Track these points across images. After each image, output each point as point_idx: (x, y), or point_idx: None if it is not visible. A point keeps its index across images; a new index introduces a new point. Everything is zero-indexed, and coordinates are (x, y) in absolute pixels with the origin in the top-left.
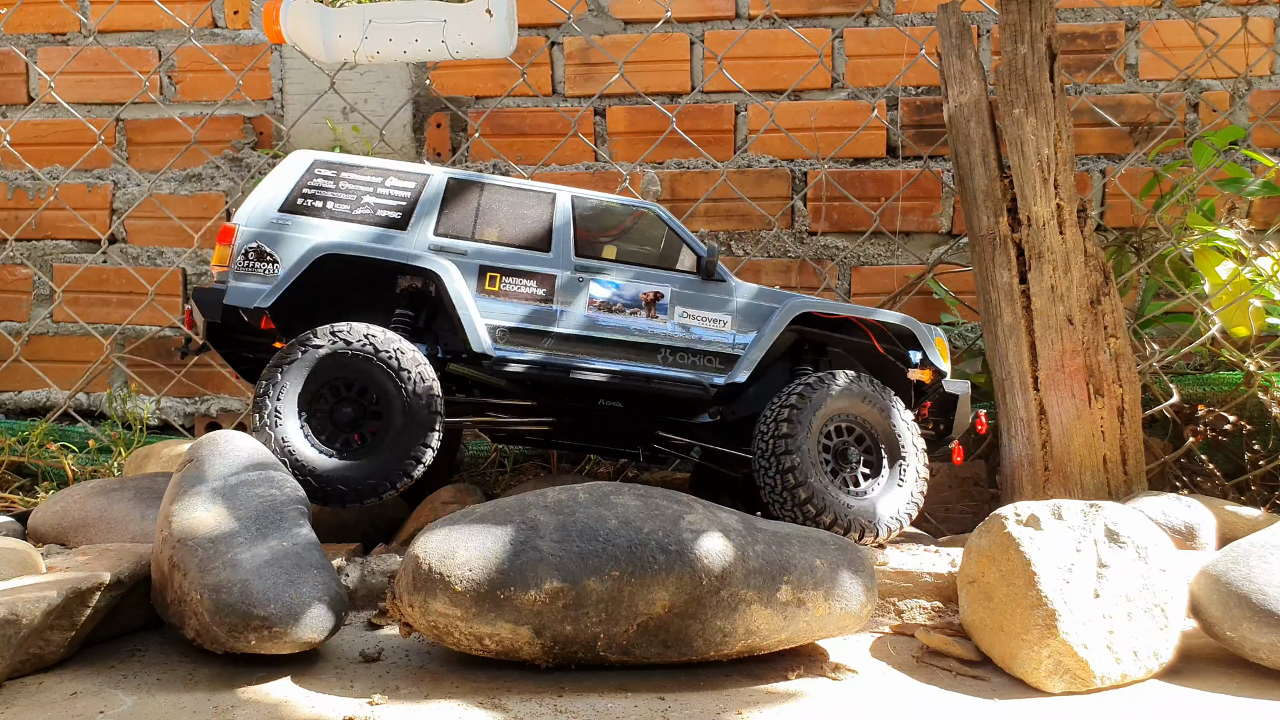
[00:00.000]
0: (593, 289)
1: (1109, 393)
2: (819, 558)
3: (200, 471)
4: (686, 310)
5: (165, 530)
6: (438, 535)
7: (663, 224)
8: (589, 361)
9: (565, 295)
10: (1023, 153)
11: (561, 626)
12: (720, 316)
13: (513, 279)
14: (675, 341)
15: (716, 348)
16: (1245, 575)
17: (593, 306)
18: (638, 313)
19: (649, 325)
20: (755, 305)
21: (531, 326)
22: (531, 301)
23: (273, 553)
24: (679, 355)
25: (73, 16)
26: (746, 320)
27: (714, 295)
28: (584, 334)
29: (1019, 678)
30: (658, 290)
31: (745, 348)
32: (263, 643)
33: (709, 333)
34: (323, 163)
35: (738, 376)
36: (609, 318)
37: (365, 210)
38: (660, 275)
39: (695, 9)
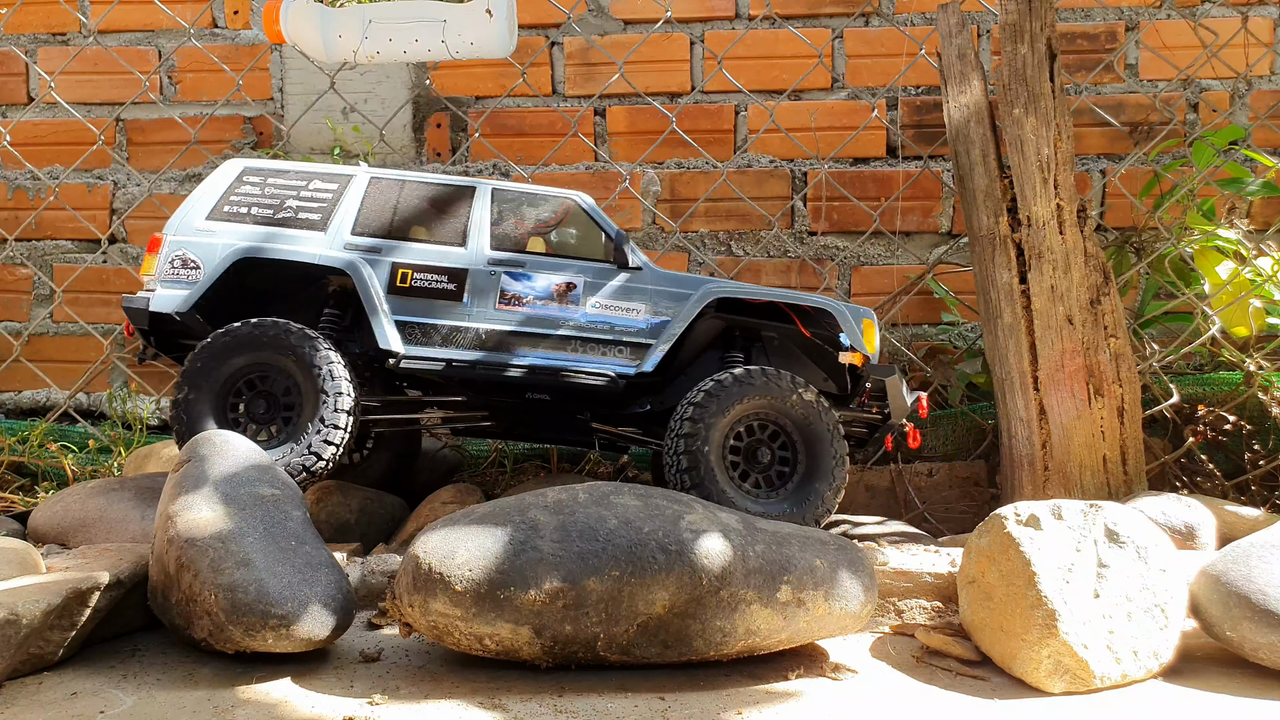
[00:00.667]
0: (505, 283)
1: (1109, 393)
2: (819, 558)
3: (201, 470)
4: (599, 300)
5: (170, 530)
6: (438, 535)
7: (583, 213)
8: (498, 357)
9: (477, 290)
10: (1023, 153)
11: (561, 626)
12: (634, 305)
13: (424, 275)
14: (586, 332)
15: (629, 337)
16: (1245, 575)
17: (505, 300)
18: (550, 304)
19: (560, 316)
20: (671, 292)
21: (441, 322)
22: (442, 298)
23: (282, 551)
24: (590, 346)
25: (73, 16)
26: (662, 308)
27: (628, 284)
28: (494, 328)
29: (1019, 678)
30: (570, 280)
31: (658, 336)
32: (279, 641)
33: (622, 321)
34: (252, 170)
35: (646, 366)
36: (520, 311)
37: (288, 214)
38: (574, 265)
39: (695, 9)
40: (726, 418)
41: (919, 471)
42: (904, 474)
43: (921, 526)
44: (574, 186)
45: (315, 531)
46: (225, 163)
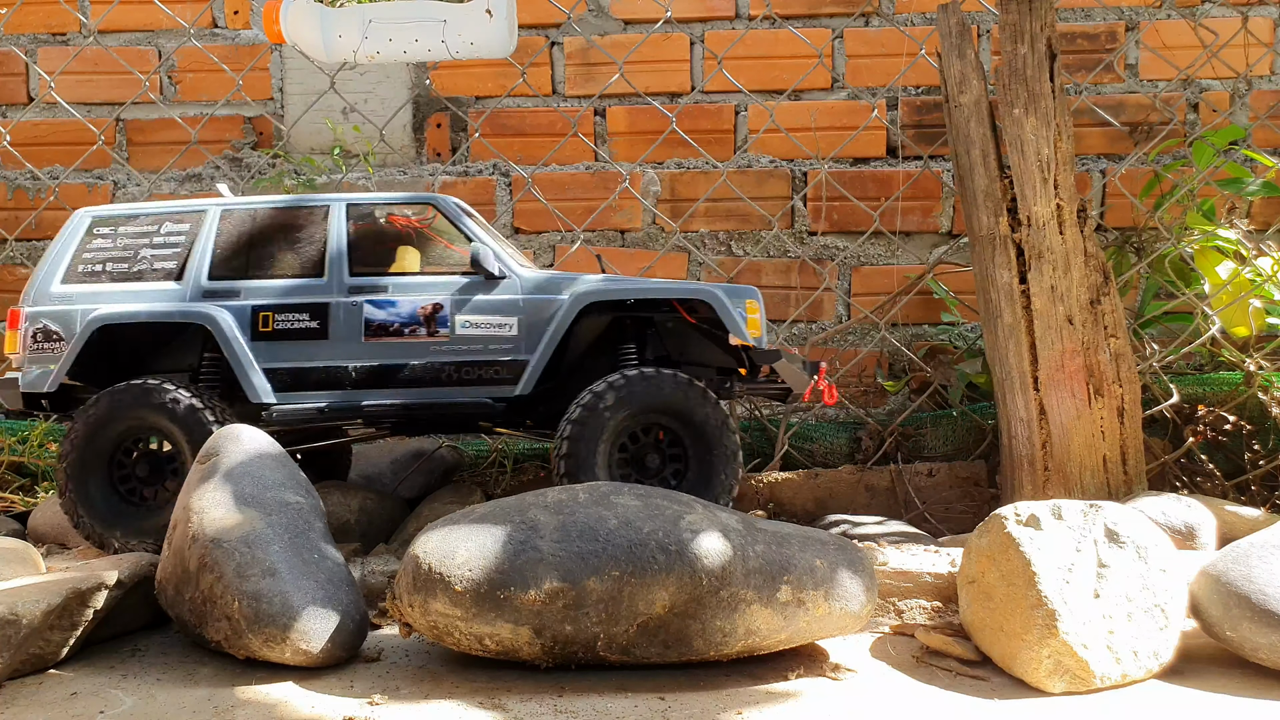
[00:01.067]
0: (368, 312)
1: (1109, 393)
2: (819, 558)
3: (226, 468)
4: (468, 319)
5: (193, 526)
6: (438, 535)
7: (445, 219)
8: (372, 397)
9: (341, 325)
10: (1023, 153)
11: (561, 626)
12: (504, 320)
13: (286, 316)
14: (460, 355)
15: (503, 355)
16: (1245, 575)
17: (370, 332)
18: (417, 330)
19: (429, 342)
20: (542, 300)
21: (310, 365)
22: (307, 339)
23: (306, 564)
24: (465, 370)
25: (73, 16)
26: (534, 320)
27: (497, 296)
28: (364, 364)
29: (1019, 678)
30: (436, 301)
31: (531, 353)
32: (297, 655)
33: (495, 339)
34: (100, 219)
35: (521, 389)
36: (387, 344)
37: (143, 265)
38: (439, 283)
39: (695, 9)
40: (608, 432)
41: (919, 471)
42: (904, 474)
43: (921, 526)
44: (574, 187)
45: (334, 544)
46: (73, 215)
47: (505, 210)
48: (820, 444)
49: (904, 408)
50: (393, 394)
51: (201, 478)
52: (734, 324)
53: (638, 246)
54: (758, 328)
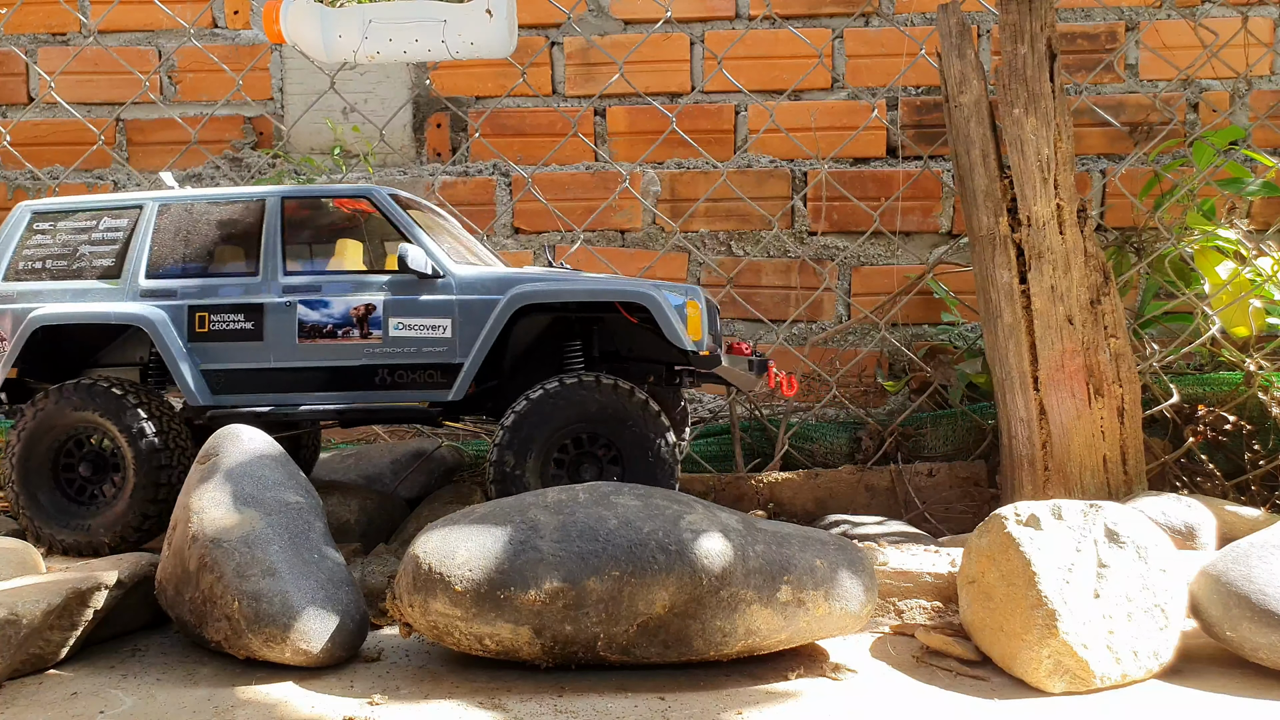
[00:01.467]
0: (301, 313)
1: (1109, 393)
2: (819, 558)
3: (225, 468)
4: (401, 320)
5: (193, 526)
6: (438, 535)
7: (380, 214)
8: (308, 400)
9: (276, 326)
10: (1023, 153)
11: (561, 626)
12: (439, 321)
13: (221, 316)
14: (394, 359)
15: (438, 358)
16: (1245, 575)
17: (304, 333)
18: (350, 333)
19: (362, 346)
20: (477, 302)
21: (246, 367)
22: (242, 340)
23: (306, 564)
24: (398, 375)
25: (73, 16)
26: (469, 321)
27: (430, 297)
28: (300, 366)
29: (1019, 678)
30: (369, 303)
31: (466, 356)
32: (297, 656)
33: (429, 342)
34: (39, 214)
35: (455, 396)
36: (321, 346)
37: (82, 263)
38: (372, 282)
39: (695, 9)
40: (539, 444)
41: (919, 471)
42: (904, 474)
43: (921, 526)
44: (574, 187)
45: (334, 545)
46: (14, 209)
47: (505, 210)
48: (820, 444)
49: (904, 408)
50: (328, 397)
51: (201, 478)
52: (671, 329)
53: (638, 246)
54: (698, 330)
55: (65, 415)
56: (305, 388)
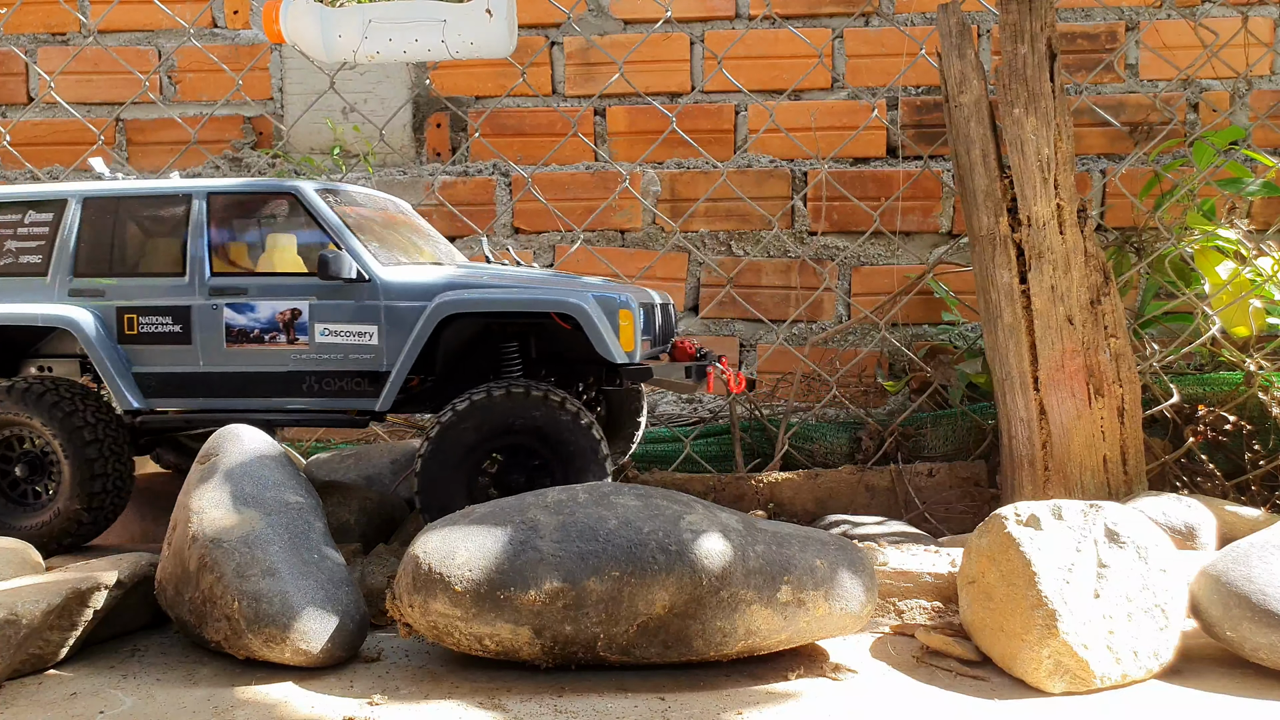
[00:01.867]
0: (228, 316)
1: (1109, 393)
2: (819, 558)
3: (225, 469)
4: (328, 326)
5: (193, 526)
6: (437, 535)
7: (305, 212)
8: (235, 404)
9: (204, 328)
10: (1023, 153)
11: (561, 627)
12: (365, 328)
13: (150, 318)
14: (321, 365)
15: (364, 366)
16: (1245, 575)
17: (231, 337)
18: (277, 338)
19: (288, 351)
20: (404, 308)
21: (176, 370)
22: (171, 343)
23: (306, 565)
24: (325, 382)
25: (73, 16)
26: (396, 328)
27: (356, 303)
28: (226, 371)
29: (1019, 678)
30: (295, 307)
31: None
32: (297, 656)
33: (355, 349)
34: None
35: (382, 406)
36: (248, 350)
37: (9, 260)
38: (298, 286)
39: (695, 9)
40: (463, 460)
41: (919, 471)
42: (904, 474)
43: (921, 526)
44: (574, 187)
45: (334, 545)
46: None
47: (505, 210)
48: (820, 444)
49: (904, 408)
50: (257, 402)
51: (201, 478)
52: (600, 341)
53: (638, 246)
54: (631, 341)
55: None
56: (235, 392)
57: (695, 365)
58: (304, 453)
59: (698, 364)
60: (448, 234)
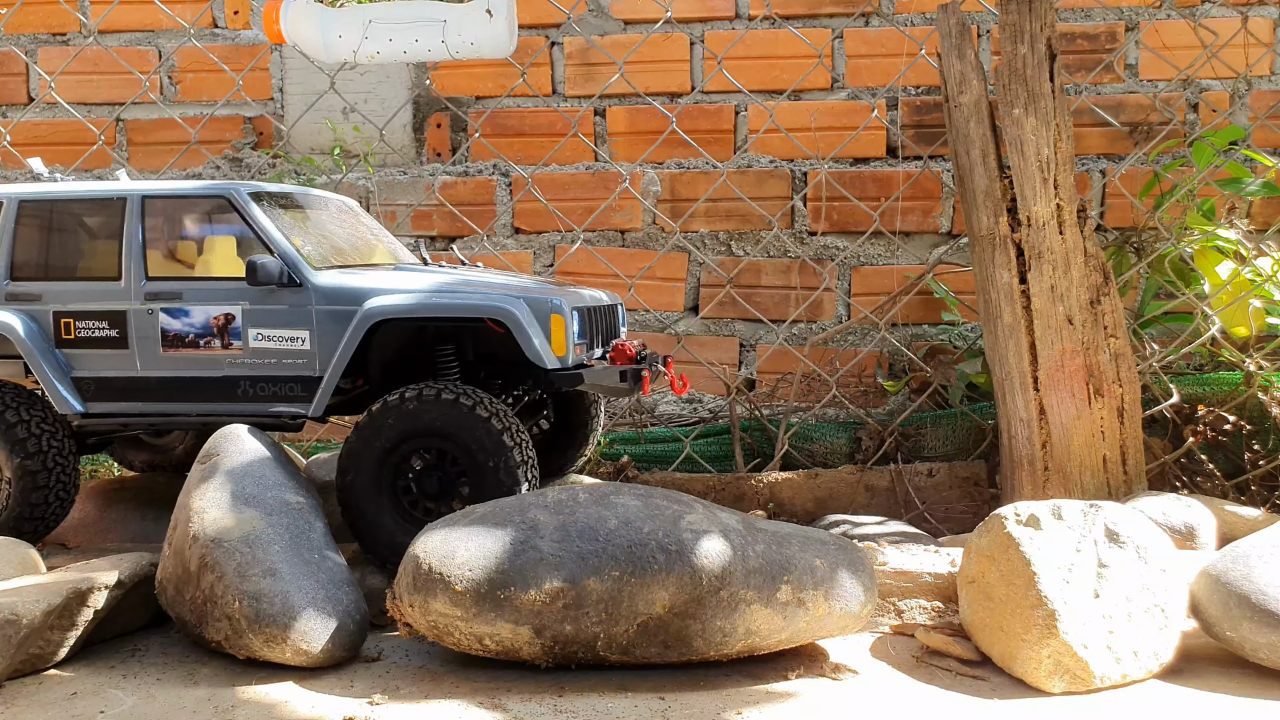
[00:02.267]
0: (163, 321)
1: (1109, 393)
2: (819, 557)
3: (226, 469)
4: (261, 331)
5: (194, 526)
6: (438, 535)
7: (238, 215)
8: (173, 407)
9: (140, 333)
10: (1023, 153)
11: (561, 626)
12: (297, 333)
13: (86, 322)
14: (255, 370)
15: (297, 371)
16: (1245, 575)
17: (167, 342)
18: (212, 343)
19: (222, 356)
20: (337, 312)
21: (113, 374)
22: (108, 347)
23: (307, 564)
24: (260, 386)
25: (73, 17)
26: (327, 333)
27: (290, 308)
28: (163, 376)
29: (1019, 678)
30: (228, 312)
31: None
32: (298, 656)
33: (288, 353)
34: None
35: (315, 411)
36: (184, 354)
37: None
38: (233, 291)
39: (695, 9)
40: (375, 459)
41: (919, 471)
42: (904, 474)
43: (921, 526)
44: (574, 187)
45: (335, 545)
46: None
47: (505, 210)
48: (820, 444)
49: (904, 408)
50: (193, 406)
51: (201, 478)
52: (530, 346)
53: (638, 246)
54: (563, 346)
55: None
56: (173, 397)
57: (631, 370)
58: (304, 453)
59: (634, 368)
60: (448, 234)
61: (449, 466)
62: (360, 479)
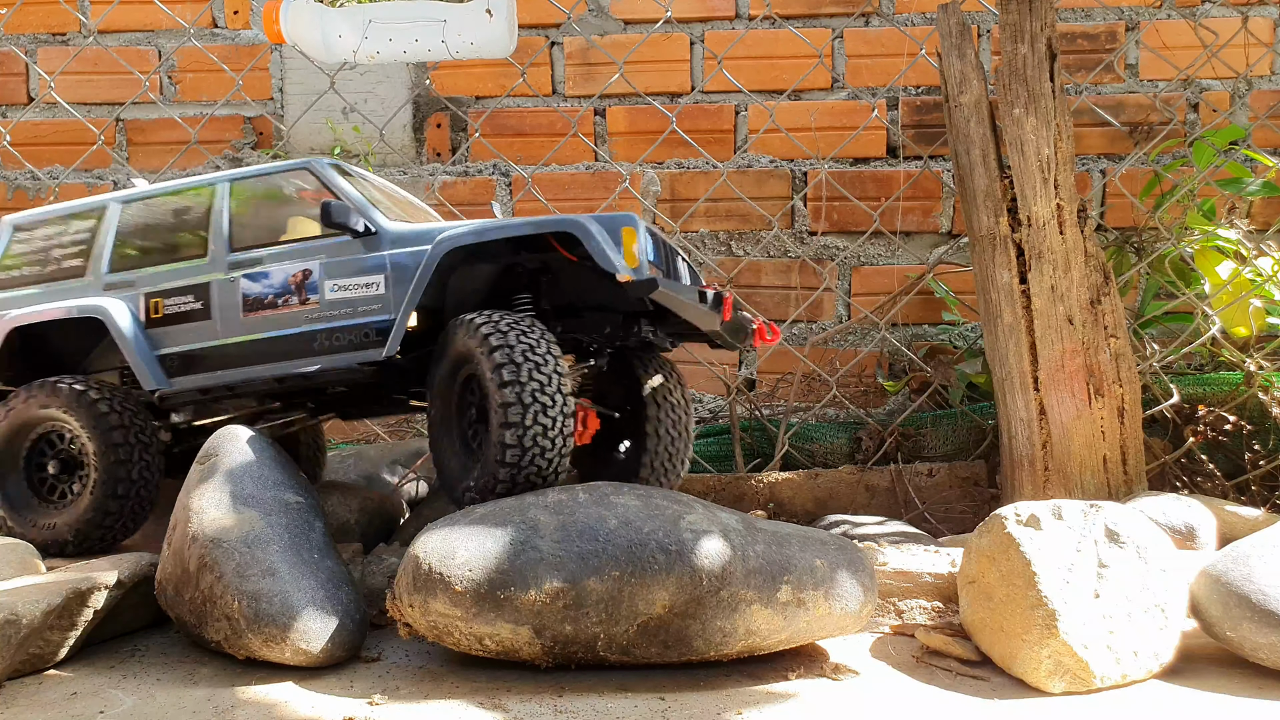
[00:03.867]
0: (244, 286)
1: (1109, 393)
2: (819, 558)
3: (225, 468)
4: (337, 282)
5: (193, 526)
6: (438, 535)
7: (318, 183)
8: (250, 372)
9: (222, 302)
10: (1023, 153)
11: (561, 627)
12: (372, 279)
13: (173, 299)
14: (331, 322)
15: (371, 317)
16: (1245, 575)
17: (247, 306)
18: (290, 300)
19: (300, 312)
20: (408, 254)
21: (195, 347)
22: (192, 320)
23: (306, 564)
24: (335, 338)
25: (73, 16)
26: (401, 276)
27: (365, 255)
28: (242, 341)
29: (1019, 678)
30: (306, 268)
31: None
32: (297, 655)
33: (364, 303)
34: (20, 225)
35: (389, 352)
36: (262, 316)
37: (53, 266)
38: (309, 248)
39: (695, 9)
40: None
41: (919, 471)
42: (904, 474)
43: (921, 526)
44: (574, 187)
45: (334, 545)
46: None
47: (505, 210)
48: (820, 444)
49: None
50: (268, 367)
51: (201, 478)
52: (601, 253)
53: None
54: (634, 258)
55: (33, 412)
56: (251, 361)
57: (713, 292)
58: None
59: (715, 291)
60: None
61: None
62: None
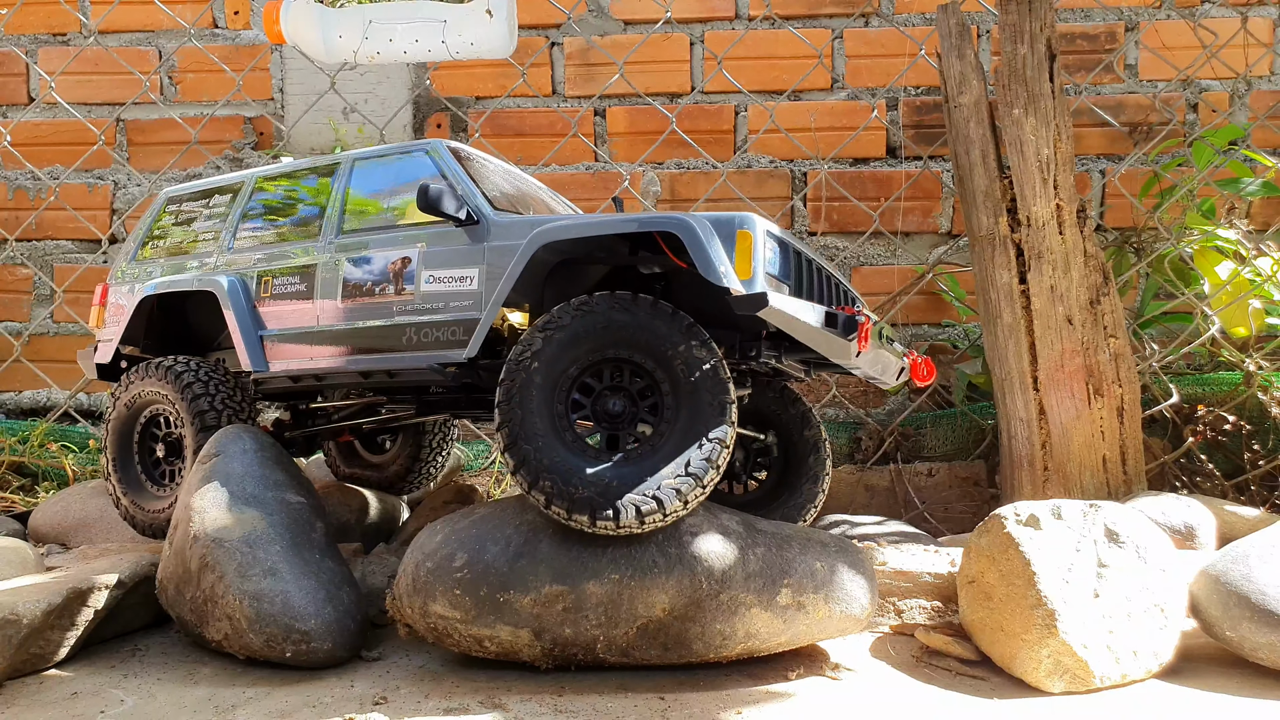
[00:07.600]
0: (346, 271)
1: (1109, 393)
2: (819, 560)
3: (227, 469)
4: (433, 273)
5: (195, 526)
6: (438, 536)
7: (433, 166)
8: (339, 361)
9: (324, 286)
10: (1022, 153)
11: (561, 629)
12: (467, 272)
13: (281, 279)
14: (423, 314)
15: (461, 313)
16: (1245, 575)
17: (346, 292)
18: (386, 289)
19: (394, 303)
20: (505, 247)
21: (294, 330)
22: (298, 300)
23: (307, 564)
24: (423, 332)
25: (73, 17)
26: (496, 270)
27: (465, 245)
28: (336, 329)
29: (1019, 678)
30: (405, 255)
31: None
32: (298, 655)
33: (456, 297)
34: (173, 198)
35: (470, 353)
36: (358, 304)
37: (190, 238)
38: (413, 234)
39: (695, 9)
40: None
41: (919, 471)
42: (904, 474)
43: (921, 526)
44: (574, 187)
45: (335, 545)
46: (158, 195)
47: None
48: None
49: (904, 408)
50: (358, 359)
51: (203, 478)
52: (705, 258)
53: None
54: (748, 270)
55: (142, 393)
56: (345, 351)
57: (844, 316)
58: None
59: (847, 315)
60: None
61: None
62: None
